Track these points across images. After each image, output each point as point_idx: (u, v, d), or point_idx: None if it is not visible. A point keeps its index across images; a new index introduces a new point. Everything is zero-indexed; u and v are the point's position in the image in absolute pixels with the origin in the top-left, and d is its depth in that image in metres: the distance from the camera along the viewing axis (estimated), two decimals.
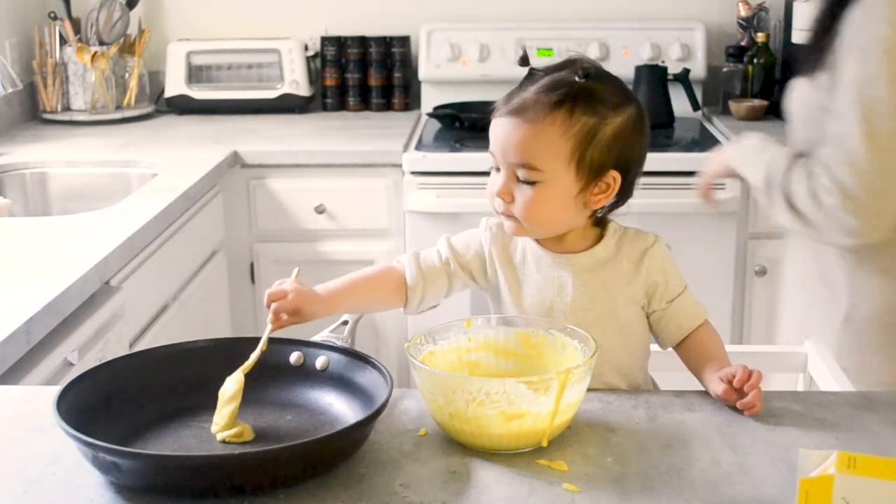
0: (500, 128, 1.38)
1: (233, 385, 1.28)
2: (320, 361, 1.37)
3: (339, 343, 1.39)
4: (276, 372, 1.37)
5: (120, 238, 2.16)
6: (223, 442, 1.25)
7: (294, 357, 1.37)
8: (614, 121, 1.36)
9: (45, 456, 1.23)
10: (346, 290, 1.40)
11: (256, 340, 1.34)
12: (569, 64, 1.39)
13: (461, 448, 1.24)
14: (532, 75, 1.39)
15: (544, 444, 1.23)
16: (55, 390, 1.23)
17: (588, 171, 1.36)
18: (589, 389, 1.28)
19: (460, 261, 1.44)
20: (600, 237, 1.43)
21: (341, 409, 1.32)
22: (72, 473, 1.19)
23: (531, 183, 1.35)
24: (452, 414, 1.22)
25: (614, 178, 1.38)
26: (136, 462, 1.13)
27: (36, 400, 1.41)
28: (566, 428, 1.27)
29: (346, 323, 1.43)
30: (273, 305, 1.33)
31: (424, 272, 1.43)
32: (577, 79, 1.35)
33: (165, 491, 1.14)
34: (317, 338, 1.40)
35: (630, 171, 1.40)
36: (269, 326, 1.33)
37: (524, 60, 1.43)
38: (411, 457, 1.23)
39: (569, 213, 1.39)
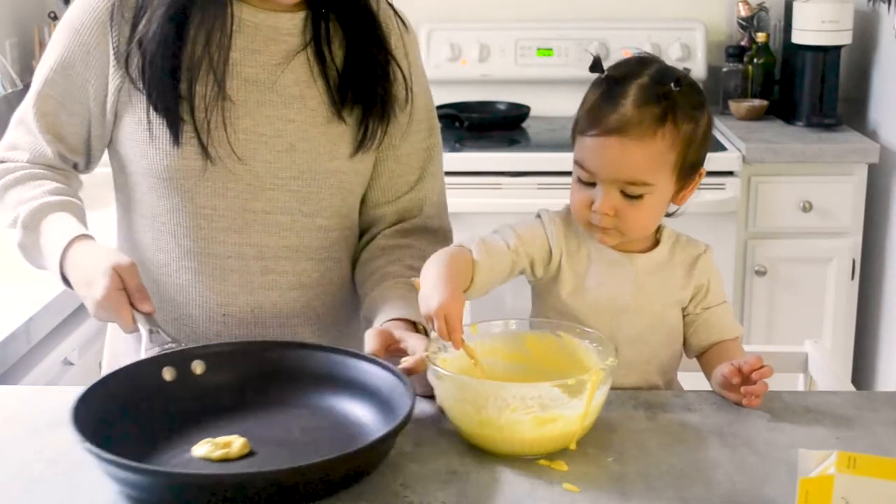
0: (604, 147, 1.34)
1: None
2: (199, 367, 1.33)
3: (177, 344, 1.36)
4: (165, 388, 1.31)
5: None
6: (219, 460, 1.20)
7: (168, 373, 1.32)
8: (703, 121, 1.38)
9: (45, 456, 1.23)
10: (462, 282, 1.33)
11: (275, 344, 1.36)
12: (644, 66, 1.38)
13: (461, 448, 1.24)
14: (615, 84, 1.36)
15: (572, 446, 1.22)
16: (72, 400, 1.20)
17: (685, 173, 1.38)
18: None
19: (527, 249, 1.42)
20: (656, 240, 1.45)
21: (328, 402, 1.31)
22: (72, 473, 1.19)
23: (638, 196, 1.35)
24: (483, 421, 1.21)
25: (700, 174, 1.41)
26: (154, 479, 1.12)
27: (36, 400, 1.41)
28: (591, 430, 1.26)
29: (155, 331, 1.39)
30: (450, 325, 1.25)
31: (492, 258, 1.39)
32: (672, 87, 1.34)
33: None
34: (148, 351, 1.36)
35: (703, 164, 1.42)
36: (465, 348, 1.29)
37: (596, 66, 1.40)
38: (411, 457, 1.23)
39: (662, 215, 1.42)
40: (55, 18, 3.36)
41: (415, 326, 1.42)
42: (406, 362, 1.32)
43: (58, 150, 1.52)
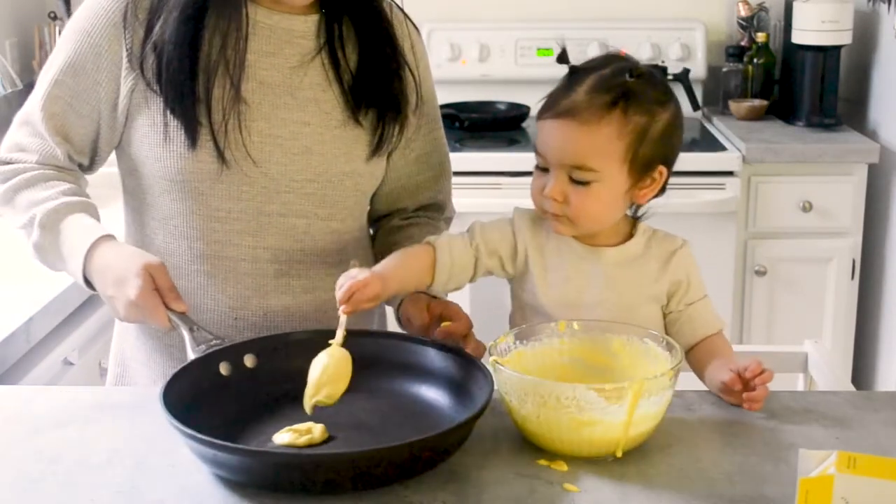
0: (553, 130, 1.38)
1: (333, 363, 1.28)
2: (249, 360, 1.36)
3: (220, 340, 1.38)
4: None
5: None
6: (304, 446, 1.23)
7: (223, 368, 1.34)
8: (662, 117, 1.37)
9: (45, 456, 1.23)
10: (397, 272, 1.39)
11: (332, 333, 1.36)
12: (610, 61, 1.40)
13: (461, 448, 1.24)
14: (575, 74, 1.39)
15: (618, 454, 1.21)
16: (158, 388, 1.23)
17: (639, 167, 1.38)
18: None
19: (490, 247, 1.43)
20: (630, 234, 1.45)
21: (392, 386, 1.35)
22: (72, 473, 1.19)
23: (585, 183, 1.36)
24: (526, 416, 1.22)
25: (661, 172, 1.40)
26: (244, 458, 1.15)
27: (36, 400, 1.41)
28: (647, 439, 1.25)
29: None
30: (355, 295, 1.31)
31: (454, 256, 1.41)
32: (627, 78, 1.35)
33: (264, 486, 1.15)
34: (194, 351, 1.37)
35: (671, 165, 1.42)
36: (343, 316, 1.31)
37: (563, 58, 1.43)
38: None
39: (618, 209, 1.41)
40: (55, 18, 3.36)
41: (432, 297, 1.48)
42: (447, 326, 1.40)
43: (66, 150, 1.51)
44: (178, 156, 1.45)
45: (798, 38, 3.20)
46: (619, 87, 1.35)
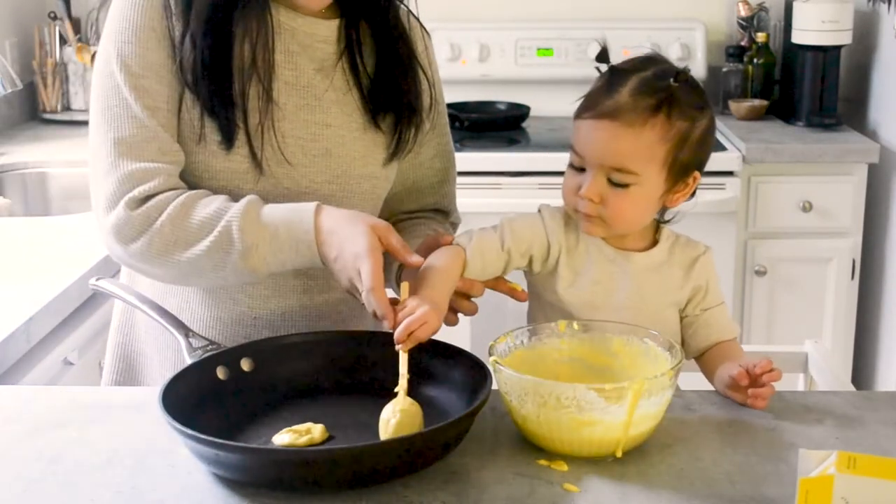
0: (594, 130, 1.36)
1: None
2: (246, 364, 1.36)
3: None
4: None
5: None
6: (305, 447, 1.22)
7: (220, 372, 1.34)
8: (701, 123, 1.38)
9: (45, 456, 1.23)
10: (446, 290, 1.34)
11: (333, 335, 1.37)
12: (650, 63, 1.39)
13: (461, 448, 1.24)
14: (616, 74, 1.37)
15: (618, 454, 1.21)
16: (158, 388, 1.22)
17: (676, 172, 1.38)
18: None
19: (522, 248, 1.42)
20: (654, 239, 1.45)
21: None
22: (72, 473, 1.19)
23: (623, 185, 1.35)
24: (526, 416, 1.22)
25: (695, 178, 1.41)
26: (243, 456, 1.14)
27: (36, 400, 1.41)
28: (647, 439, 1.25)
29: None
30: (414, 333, 1.25)
31: (486, 263, 1.40)
32: (671, 82, 1.35)
33: (265, 485, 1.15)
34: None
35: (703, 170, 1.42)
36: (404, 356, 1.26)
37: (603, 56, 1.41)
38: None
39: (651, 213, 1.41)
40: (55, 18, 3.36)
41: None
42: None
43: (173, 136, 1.42)
44: (211, 154, 1.43)
45: (798, 38, 3.20)
46: (663, 90, 1.34)
